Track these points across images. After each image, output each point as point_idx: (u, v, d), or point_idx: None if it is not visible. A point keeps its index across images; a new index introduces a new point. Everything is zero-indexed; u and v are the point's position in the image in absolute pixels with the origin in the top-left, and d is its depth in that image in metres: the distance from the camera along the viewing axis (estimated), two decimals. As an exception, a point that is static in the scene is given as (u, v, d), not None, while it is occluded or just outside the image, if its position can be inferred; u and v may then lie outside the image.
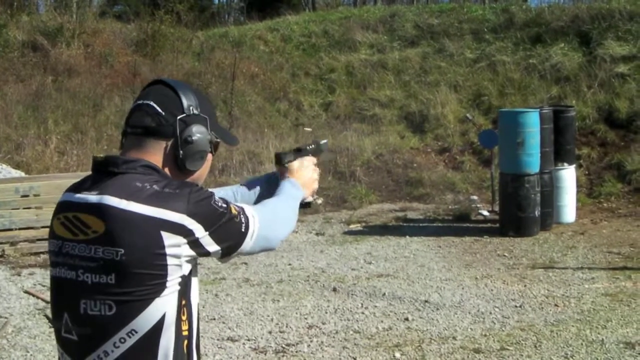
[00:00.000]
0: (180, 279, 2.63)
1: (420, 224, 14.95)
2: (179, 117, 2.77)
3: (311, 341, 8.75)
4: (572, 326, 8.97)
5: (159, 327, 2.60)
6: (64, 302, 2.71)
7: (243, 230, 2.76)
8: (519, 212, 13.57)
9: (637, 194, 15.99)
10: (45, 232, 13.50)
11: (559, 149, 14.27)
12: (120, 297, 2.57)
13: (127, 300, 2.57)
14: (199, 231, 2.62)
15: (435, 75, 21.78)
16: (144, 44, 23.94)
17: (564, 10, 23.22)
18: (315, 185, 3.38)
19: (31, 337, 9.03)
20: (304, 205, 3.33)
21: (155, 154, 2.77)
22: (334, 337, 8.87)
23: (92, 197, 2.67)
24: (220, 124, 3.04)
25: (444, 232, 14.12)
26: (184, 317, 2.69)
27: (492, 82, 20.78)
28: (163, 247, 2.56)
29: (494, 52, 21.93)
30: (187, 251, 2.61)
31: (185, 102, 2.80)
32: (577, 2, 25.74)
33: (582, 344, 8.38)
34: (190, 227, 2.60)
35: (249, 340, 8.85)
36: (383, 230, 14.51)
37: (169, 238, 2.56)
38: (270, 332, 9.08)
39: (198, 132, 2.79)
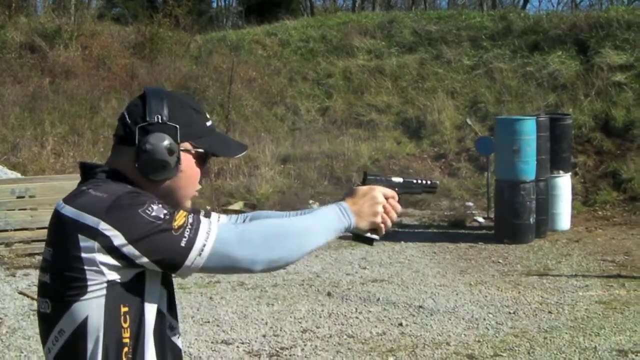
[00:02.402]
0: (106, 284, 2.54)
1: (416, 230, 14.99)
2: (138, 126, 2.69)
3: (305, 345, 8.75)
4: (566, 333, 8.99)
5: (81, 330, 2.58)
6: None
7: (183, 245, 2.54)
8: (514, 219, 13.61)
9: (632, 203, 16.04)
10: (40, 234, 13.53)
11: (555, 156, 14.30)
12: (52, 296, 2.61)
13: (57, 301, 2.59)
14: (118, 239, 2.49)
15: (433, 81, 21.78)
16: (141, 47, 23.92)
17: (562, 19, 23.27)
18: (375, 219, 2.84)
19: (25, 338, 9.01)
20: (365, 240, 2.92)
21: (125, 161, 2.72)
22: (327, 341, 8.88)
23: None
24: (217, 133, 2.91)
25: (439, 238, 14.16)
26: (125, 325, 2.61)
27: (489, 89, 20.79)
28: (79, 250, 2.51)
29: (492, 59, 21.95)
30: (104, 258, 2.51)
31: (148, 110, 2.71)
32: (575, 11, 25.83)
33: (575, 351, 8.40)
34: (106, 233, 2.49)
35: (243, 343, 8.85)
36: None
37: (84, 241, 2.51)
38: (264, 336, 9.09)
39: (155, 141, 2.67)
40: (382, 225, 2.87)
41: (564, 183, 14.59)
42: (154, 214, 2.53)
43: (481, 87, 20.98)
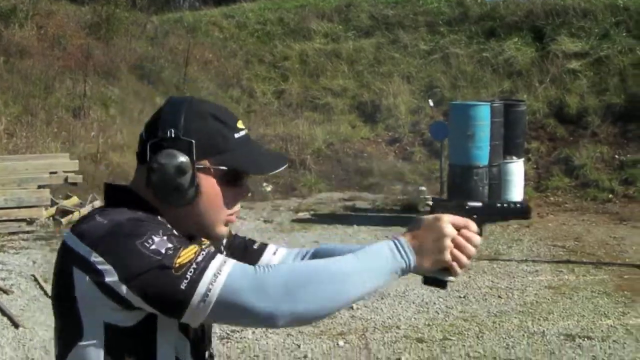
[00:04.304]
0: (103, 329, 2.23)
1: (369, 214, 15.05)
2: (150, 142, 2.34)
3: (256, 328, 8.77)
4: (515, 317, 9.09)
5: None
6: None
7: (184, 287, 2.12)
8: (466, 203, 13.66)
9: (583, 189, 16.17)
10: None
11: (508, 142, 14.40)
12: (57, 335, 2.35)
13: (59, 343, 2.34)
14: (110, 275, 2.14)
15: (389, 66, 21.84)
16: (97, 27, 23.70)
17: (519, 5, 23.37)
18: (442, 257, 2.29)
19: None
20: (435, 283, 2.38)
21: (141, 182, 2.39)
22: (278, 324, 8.89)
23: None
24: (247, 146, 2.47)
25: (392, 222, 14.15)
26: None
27: (444, 74, 20.89)
28: (72, 285, 2.21)
29: (448, 45, 22.04)
30: (97, 296, 2.17)
31: (161, 124, 2.36)
32: (531, -3, 25.85)
33: (523, 335, 8.49)
34: (98, 266, 2.15)
35: (193, 325, 8.84)
36: (331, 219, 14.59)
37: (77, 274, 2.20)
38: (214, 318, 9.08)
39: (164, 160, 2.30)
40: (454, 264, 2.32)
41: (516, 169, 14.69)
42: (153, 247, 2.15)
43: (437, 72, 21.08)
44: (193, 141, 2.32)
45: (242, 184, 2.45)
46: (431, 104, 17.63)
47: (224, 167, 2.37)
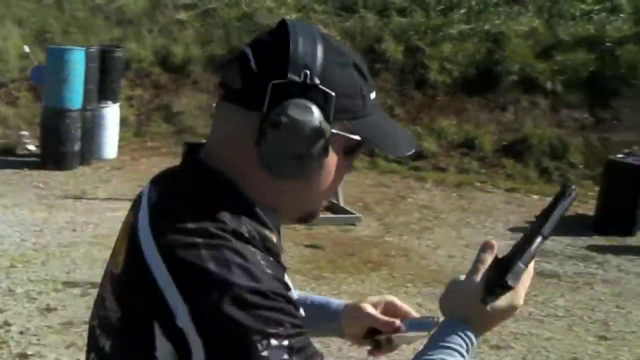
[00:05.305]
0: None
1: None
2: (273, 82, 1.59)
3: None
4: (82, 248, 9.74)
5: None
6: None
7: None
8: (59, 146, 14.10)
9: (180, 135, 16.92)
10: None
11: (104, 87, 14.93)
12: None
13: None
14: (194, 341, 1.49)
15: (2, 9, 21.68)
16: None
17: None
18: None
19: None
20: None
21: (237, 134, 1.66)
22: None
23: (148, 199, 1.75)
24: (380, 113, 1.78)
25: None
26: None
27: (57, 20, 20.99)
28: (152, 340, 1.54)
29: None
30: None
31: (294, 60, 1.61)
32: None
33: (85, 262, 9.17)
34: (191, 344, 1.50)
35: None
36: None
37: (157, 330, 1.53)
38: None
39: (299, 114, 1.58)
40: None
41: (111, 113, 15.25)
42: (264, 353, 1.47)
43: (49, 17, 21.13)
44: (334, 95, 1.62)
45: (355, 157, 1.80)
46: (27, 49, 17.78)
47: (357, 137, 1.71)
